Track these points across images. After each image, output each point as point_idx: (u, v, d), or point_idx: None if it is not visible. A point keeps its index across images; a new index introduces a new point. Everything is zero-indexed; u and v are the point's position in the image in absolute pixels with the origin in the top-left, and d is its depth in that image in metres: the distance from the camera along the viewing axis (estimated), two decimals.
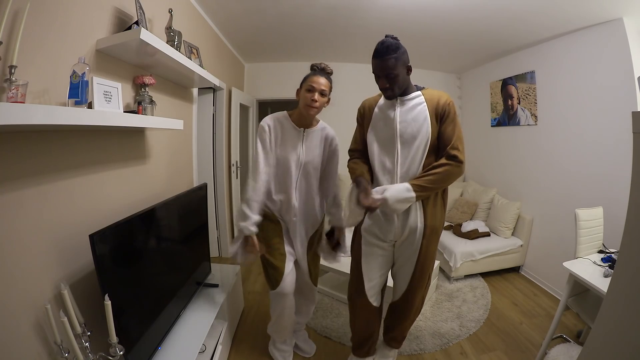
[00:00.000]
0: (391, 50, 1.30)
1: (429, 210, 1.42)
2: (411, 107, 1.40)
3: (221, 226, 3.23)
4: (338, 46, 3.31)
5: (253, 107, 4.03)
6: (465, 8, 2.28)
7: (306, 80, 1.50)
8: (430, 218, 1.42)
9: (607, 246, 1.88)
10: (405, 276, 1.52)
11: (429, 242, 1.45)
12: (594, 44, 2.37)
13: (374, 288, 1.58)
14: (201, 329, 1.56)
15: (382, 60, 1.31)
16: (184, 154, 2.30)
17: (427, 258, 1.47)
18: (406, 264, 1.50)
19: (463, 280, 2.85)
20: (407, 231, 1.44)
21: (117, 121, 1.18)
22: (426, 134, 1.36)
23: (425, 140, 1.36)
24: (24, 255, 0.97)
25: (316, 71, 1.51)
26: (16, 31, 0.86)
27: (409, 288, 1.52)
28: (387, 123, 1.43)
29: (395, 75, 1.32)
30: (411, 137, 1.38)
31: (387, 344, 1.75)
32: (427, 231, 1.43)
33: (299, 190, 1.58)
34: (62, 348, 0.97)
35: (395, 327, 1.67)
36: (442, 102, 1.38)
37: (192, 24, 2.28)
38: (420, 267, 1.48)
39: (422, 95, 1.42)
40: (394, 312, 1.65)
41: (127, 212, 1.34)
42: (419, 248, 1.44)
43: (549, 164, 2.83)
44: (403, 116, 1.40)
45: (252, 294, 2.57)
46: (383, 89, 1.39)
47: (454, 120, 1.37)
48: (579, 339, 1.98)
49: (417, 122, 1.37)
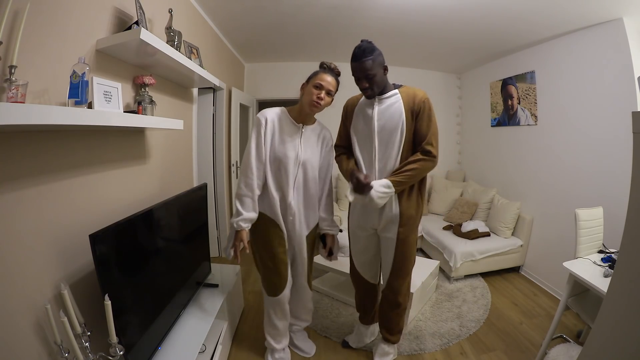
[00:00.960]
0: (367, 52, 1.40)
1: (403, 200, 1.53)
2: (388, 105, 1.50)
3: (221, 226, 3.23)
4: (338, 46, 3.31)
5: (253, 107, 4.03)
6: (465, 8, 2.28)
7: (315, 76, 1.48)
8: (405, 207, 1.53)
9: (607, 246, 1.88)
10: (387, 264, 1.64)
11: (407, 231, 1.55)
12: (594, 44, 2.37)
13: (364, 266, 1.76)
14: (201, 329, 1.56)
15: (360, 62, 1.41)
16: (184, 154, 2.30)
17: (405, 245, 1.57)
18: (387, 252, 1.62)
19: (463, 280, 2.85)
20: (384, 220, 1.56)
21: (117, 121, 1.18)
22: (401, 130, 1.46)
23: (400, 136, 1.47)
24: (24, 255, 0.97)
25: (325, 69, 1.50)
26: (16, 31, 0.85)
27: (392, 274, 1.63)
28: (366, 121, 1.54)
29: (373, 75, 1.41)
30: (387, 134, 1.49)
31: (384, 340, 1.80)
32: (403, 219, 1.54)
33: (296, 188, 1.56)
34: (62, 348, 0.97)
35: (386, 316, 1.74)
36: (417, 100, 1.46)
37: (192, 24, 2.28)
38: (400, 254, 1.58)
39: (398, 94, 1.51)
40: (383, 300, 1.74)
41: (127, 212, 1.34)
42: (396, 235, 1.55)
43: (549, 163, 2.83)
44: (380, 114, 1.50)
45: (252, 294, 2.57)
46: (363, 89, 1.47)
47: (429, 117, 1.47)
48: (579, 339, 1.98)
49: (393, 119, 1.47)
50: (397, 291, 1.65)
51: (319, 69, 1.51)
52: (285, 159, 1.51)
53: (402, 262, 1.60)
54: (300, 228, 1.62)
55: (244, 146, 3.76)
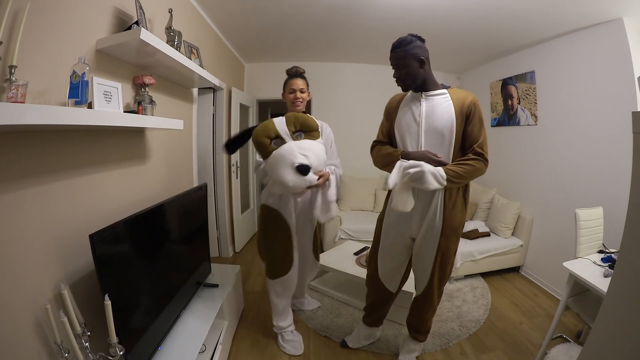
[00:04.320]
0: (403, 44, 1.41)
1: (448, 209, 1.45)
2: (436, 103, 1.45)
3: (221, 226, 3.22)
4: (338, 46, 3.31)
5: (253, 107, 4.03)
6: (465, 8, 2.28)
7: (286, 85, 1.79)
8: (448, 217, 1.45)
9: (607, 246, 1.88)
10: (425, 273, 1.57)
11: (448, 242, 1.49)
12: (594, 44, 2.37)
13: (388, 274, 1.68)
14: (201, 329, 1.56)
15: (393, 52, 1.44)
16: (184, 154, 2.30)
17: (446, 256, 1.51)
18: (426, 262, 1.55)
19: (463, 280, 2.85)
20: (425, 228, 1.48)
21: (117, 121, 1.18)
22: (451, 131, 1.40)
23: (449, 137, 1.41)
24: (24, 255, 0.97)
25: (292, 75, 1.78)
26: (16, 31, 0.85)
27: (429, 284, 1.57)
28: (413, 117, 1.48)
29: (404, 66, 1.41)
30: (435, 133, 1.43)
31: (412, 338, 1.79)
32: (446, 231, 1.46)
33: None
34: (62, 348, 0.97)
35: (418, 320, 1.72)
36: (467, 102, 1.42)
37: (192, 24, 2.28)
38: (439, 265, 1.52)
39: (447, 94, 1.46)
40: (416, 305, 1.71)
41: (127, 212, 1.34)
42: (436, 246, 1.49)
43: (549, 163, 2.83)
44: (429, 111, 1.45)
45: (252, 294, 2.57)
46: (395, 79, 1.48)
47: (481, 120, 1.42)
48: (579, 339, 1.98)
49: (442, 119, 1.42)
50: (432, 299, 1.61)
51: (287, 77, 1.81)
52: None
53: (441, 273, 1.54)
54: (307, 220, 1.80)
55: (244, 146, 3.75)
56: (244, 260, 3.23)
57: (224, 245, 3.27)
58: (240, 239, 3.50)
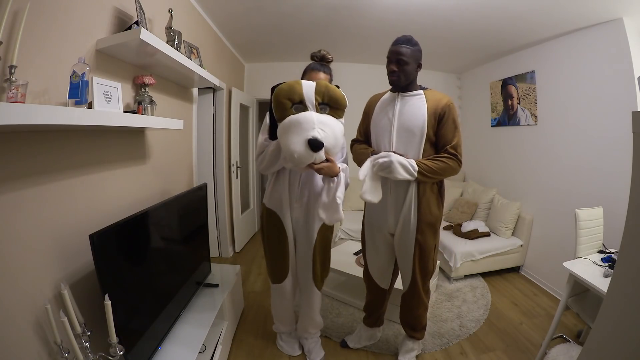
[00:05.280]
0: (411, 42, 1.44)
1: (422, 206, 1.50)
2: (411, 103, 1.49)
3: (221, 226, 3.23)
4: (339, 46, 3.31)
5: (253, 107, 4.03)
6: (465, 8, 2.28)
7: (305, 74, 1.55)
8: (424, 214, 1.50)
9: (607, 246, 1.88)
10: (407, 269, 1.61)
11: (425, 238, 1.52)
12: (594, 44, 2.37)
13: (378, 271, 1.73)
14: (201, 329, 1.56)
15: (397, 46, 1.44)
16: (184, 154, 2.30)
17: (425, 252, 1.54)
18: (406, 258, 1.59)
19: (463, 280, 2.85)
20: (401, 224, 1.52)
21: (117, 121, 1.18)
22: (422, 130, 1.44)
23: (420, 137, 1.45)
24: (24, 255, 0.97)
25: (316, 62, 1.55)
26: (16, 31, 0.86)
27: (413, 280, 1.60)
28: (387, 116, 1.53)
29: (405, 63, 1.42)
30: (406, 131, 1.46)
31: (409, 337, 1.80)
32: (422, 226, 1.50)
33: (302, 180, 1.59)
34: (62, 348, 0.97)
35: (410, 317, 1.74)
36: (442, 104, 1.45)
37: (192, 24, 2.28)
38: (419, 261, 1.55)
39: (423, 94, 1.49)
40: (405, 302, 1.73)
41: (127, 212, 1.34)
42: (414, 242, 1.52)
43: (549, 163, 2.82)
44: (401, 111, 1.49)
45: (252, 294, 2.57)
46: (390, 72, 1.47)
47: (454, 122, 1.45)
48: (579, 339, 1.98)
49: (414, 118, 1.46)
50: (418, 293, 1.62)
51: (310, 64, 1.56)
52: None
53: (422, 268, 1.57)
54: (308, 222, 1.59)
55: (244, 146, 3.77)
56: (244, 260, 3.23)
57: (224, 245, 3.27)
58: (240, 239, 3.50)
